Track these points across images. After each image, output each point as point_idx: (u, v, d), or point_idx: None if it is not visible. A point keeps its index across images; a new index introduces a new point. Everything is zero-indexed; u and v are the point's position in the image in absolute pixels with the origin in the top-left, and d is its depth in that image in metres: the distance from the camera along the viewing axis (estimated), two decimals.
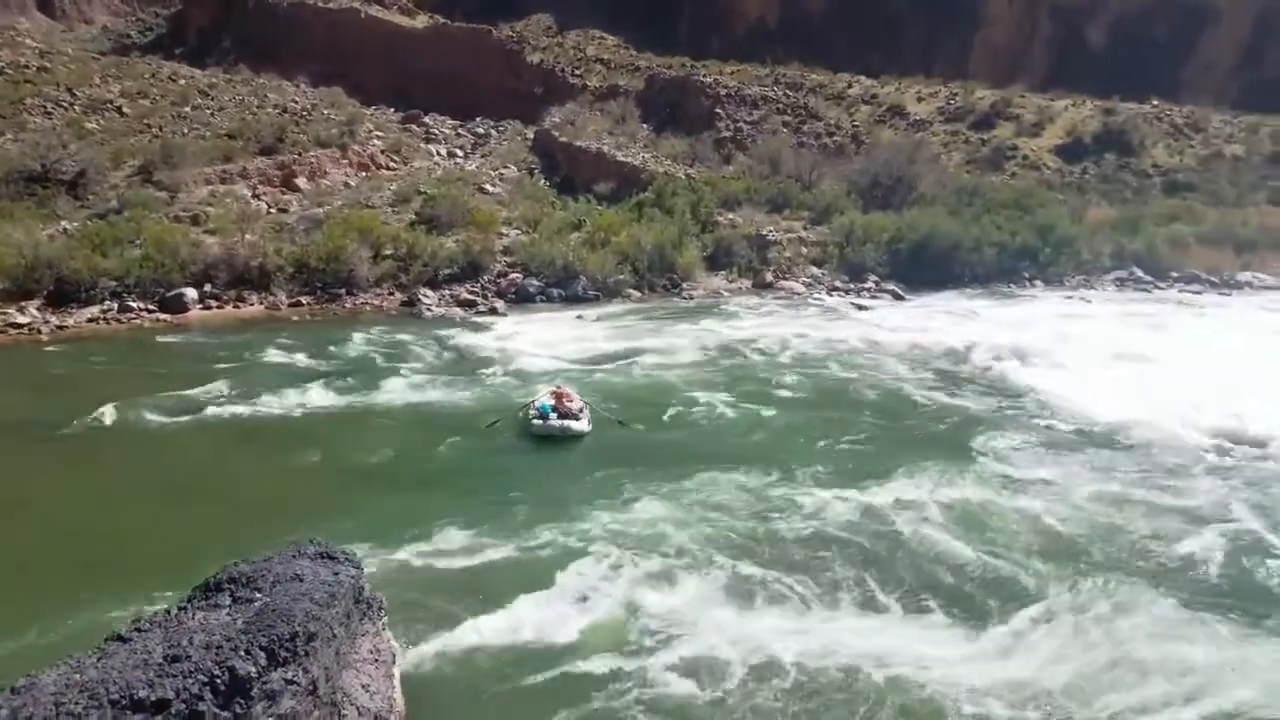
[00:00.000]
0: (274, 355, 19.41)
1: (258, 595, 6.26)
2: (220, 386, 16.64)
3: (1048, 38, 65.18)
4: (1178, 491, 12.73)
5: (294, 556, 6.93)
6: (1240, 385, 17.82)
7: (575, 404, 15.18)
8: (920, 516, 11.53)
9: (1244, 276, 34.02)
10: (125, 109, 38.74)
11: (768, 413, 16.06)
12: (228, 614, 6.01)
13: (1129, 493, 12.64)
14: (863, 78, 55.05)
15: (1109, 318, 26.31)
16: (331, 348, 20.07)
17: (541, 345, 20.73)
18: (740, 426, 15.45)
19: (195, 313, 23.59)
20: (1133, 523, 11.61)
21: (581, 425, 14.75)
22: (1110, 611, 9.37)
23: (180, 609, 6.13)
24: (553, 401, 15.08)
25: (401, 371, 18.22)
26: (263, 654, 5.62)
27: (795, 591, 9.60)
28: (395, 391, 16.86)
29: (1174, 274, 33.86)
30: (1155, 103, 54.71)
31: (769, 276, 30.25)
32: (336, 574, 6.77)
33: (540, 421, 14.65)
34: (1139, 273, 33.69)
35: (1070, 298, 30.17)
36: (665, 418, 15.88)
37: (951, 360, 20.37)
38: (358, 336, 21.19)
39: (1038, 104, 53.26)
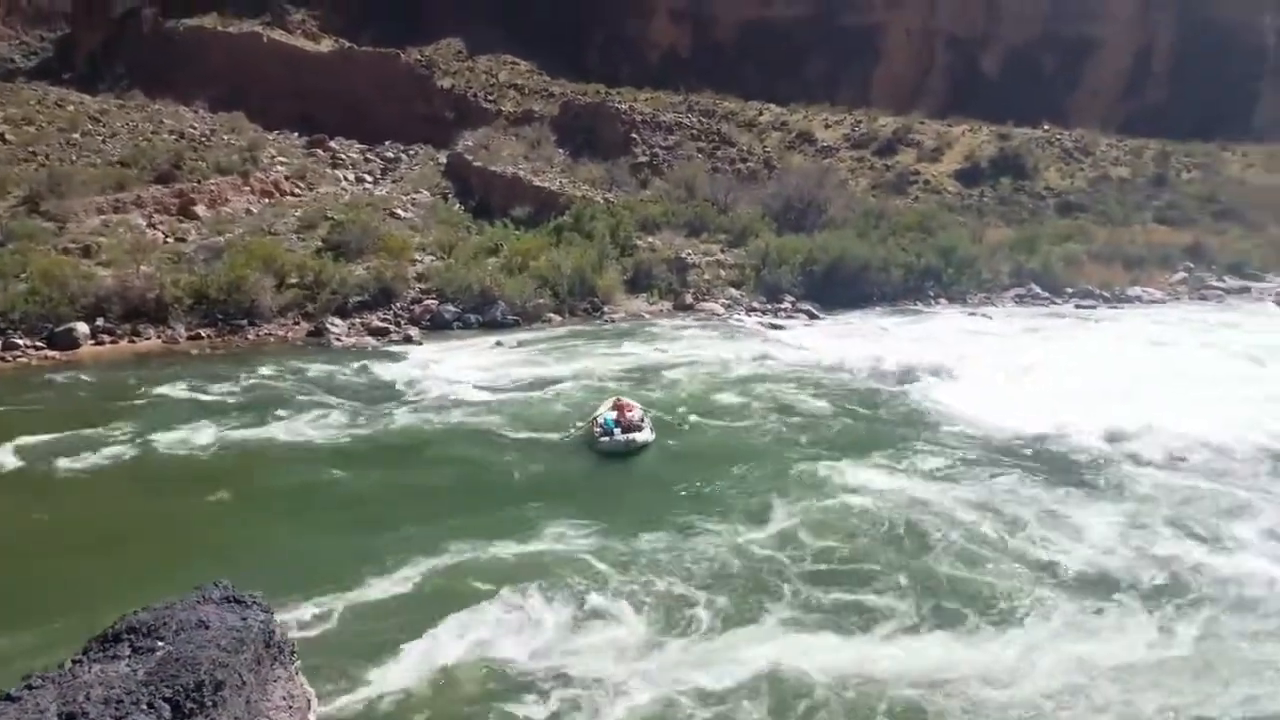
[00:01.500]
0: (172, 391, 18.45)
1: (160, 644, 5.78)
2: (115, 426, 15.72)
3: (944, 67, 67.65)
4: (1074, 495, 13.09)
5: (198, 602, 6.46)
6: (1133, 392, 18.63)
7: (635, 414, 15.33)
8: (819, 532, 11.54)
9: (1134, 291, 35.67)
10: (9, 136, 36.81)
11: (687, 437, 15.93)
12: (127, 665, 5.52)
13: (1029, 498, 12.94)
14: (772, 105, 56.18)
15: (1010, 333, 27.27)
16: (233, 382, 19.20)
17: (459, 373, 20.21)
18: (654, 452, 15.30)
19: (87, 348, 22.32)
20: (1033, 528, 11.83)
21: (645, 435, 14.93)
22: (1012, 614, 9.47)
23: (75, 662, 5.63)
24: (615, 415, 15.17)
25: (307, 405, 17.51)
26: (167, 706, 5.17)
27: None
28: (300, 426, 16.17)
29: (1069, 290, 35.30)
30: (1047, 128, 57.26)
31: (689, 298, 30.38)
32: (244, 618, 6.33)
33: (607, 439, 14.78)
34: (1036, 289, 35.00)
35: (973, 314, 31.10)
36: (582, 445, 15.62)
37: (863, 376, 20.67)
38: (261, 369, 20.31)
39: (937, 130, 55.15)
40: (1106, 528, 11.88)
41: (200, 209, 33.02)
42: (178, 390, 18.48)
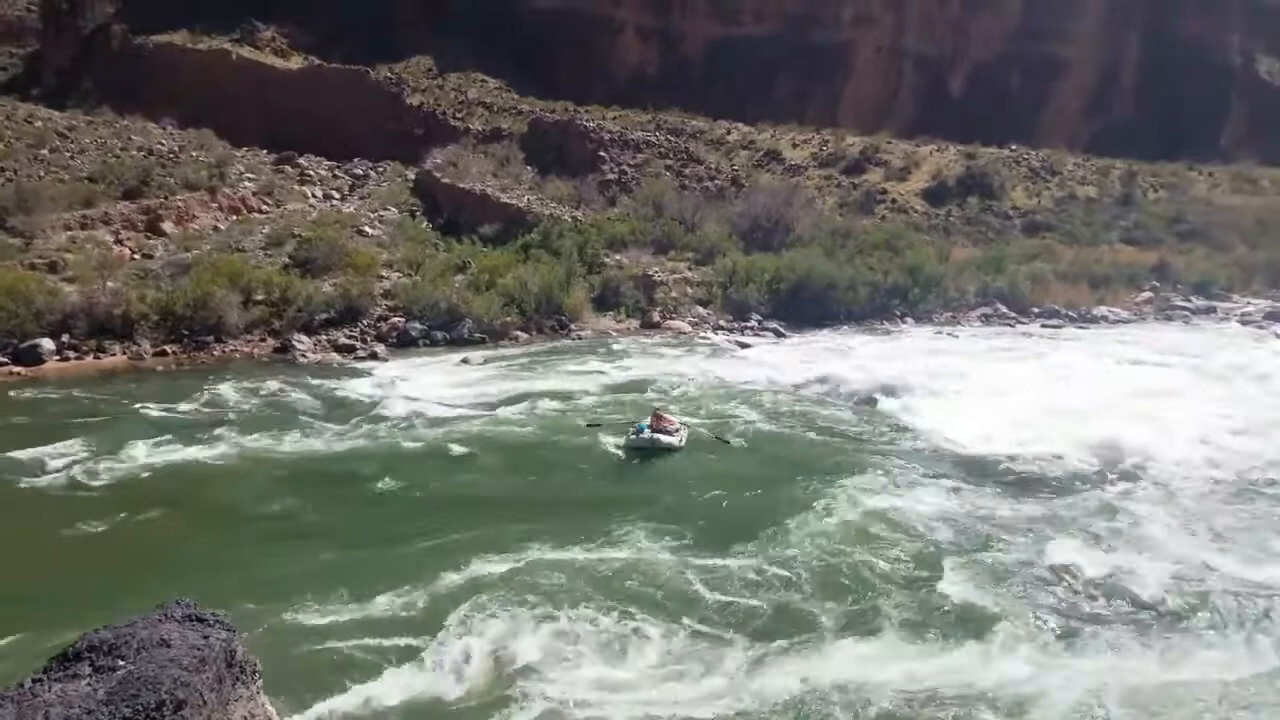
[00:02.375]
0: (137, 407, 18.39)
1: (121, 663, 5.82)
2: (78, 443, 15.65)
3: (912, 86, 68.59)
4: (1040, 511, 13.41)
5: (160, 620, 6.47)
6: (1097, 411, 19.02)
7: (672, 424, 16.60)
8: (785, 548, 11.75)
9: (1100, 310, 36.26)
10: None
11: (657, 458, 16.11)
12: (88, 684, 5.56)
13: (990, 513, 13.25)
14: (740, 124, 56.70)
15: (976, 352, 27.62)
16: (198, 399, 19.14)
17: (424, 390, 20.27)
18: (619, 471, 15.45)
19: (52, 364, 22.15)
20: (1001, 539, 12.12)
21: (671, 440, 16.20)
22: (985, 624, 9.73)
23: (35, 681, 5.65)
24: (650, 421, 16.47)
25: (272, 422, 17.51)
26: None
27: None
28: (265, 444, 16.17)
29: (1035, 309, 35.82)
30: (1014, 147, 58.20)
31: (656, 316, 30.60)
32: (206, 637, 6.35)
33: (634, 436, 16.26)
34: (1003, 308, 35.50)
35: (939, 333, 31.49)
36: (548, 463, 15.79)
37: (830, 396, 20.94)
38: (226, 386, 20.26)
39: (904, 150, 55.90)
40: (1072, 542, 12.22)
41: (168, 225, 32.84)
42: (142, 407, 18.39)
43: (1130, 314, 36.73)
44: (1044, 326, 33.66)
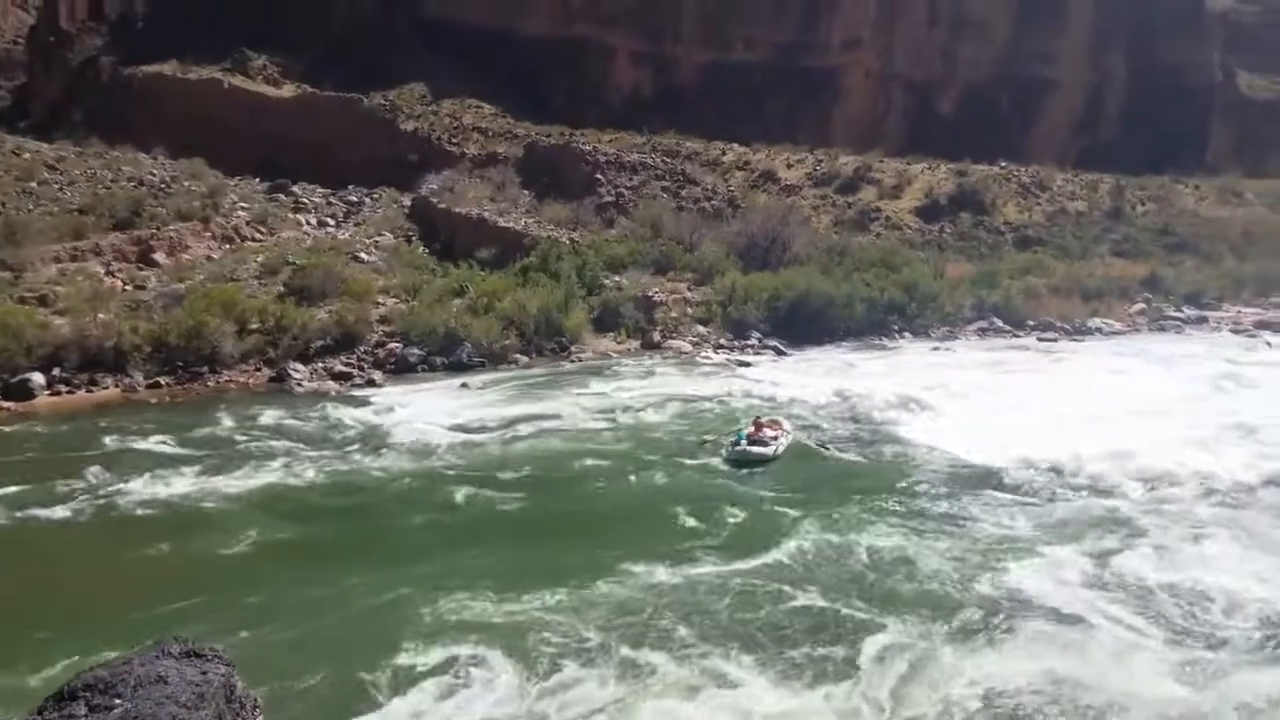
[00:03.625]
0: (131, 442, 17.99)
1: (117, 702, 5.51)
2: (72, 479, 15.27)
3: (902, 108, 69.06)
4: (1031, 526, 13.13)
5: (157, 657, 6.18)
6: (1100, 423, 18.85)
7: (769, 434, 16.86)
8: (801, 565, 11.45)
9: (1094, 323, 36.26)
10: None
11: (661, 478, 15.81)
12: None
13: (993, 530, 12.97)
14: (735, 145, 56.85)
15: (974, 366, 27.50)
16: (193, 431, 18.76)
17: (422, 416, 19.94)
18: (625, 493, 15.17)
19: (44, 399, 21.72)
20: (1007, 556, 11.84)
21: (765, 450, 16.39)
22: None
23: None
24: (750, 430, 16.69)
25: (268, 453, 17.16)
26: None
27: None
28: (262, 475, 15.81)
29: (1030, 322, 35.81)
30: (1004, 164, 58.42)
31: (656, 336, 30.38)
32: (205, 673, 6.05)
33: (732, 448, 16.63)
34: (998, 322, 35.52)
35: (937, 348, 31.44)
36: (551, 486, 15.50)
37: (834, 412, 20.71)
38: (222, 417, 19.88)
39: (897, 168, 56.09)
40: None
41: (160, 256, 32.53)
42: (137, 441, 18.03)
43: (1124, 326, 36.80)
44: (1040, 339, 33.63)
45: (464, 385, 23.63)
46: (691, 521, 13.47)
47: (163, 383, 23.43)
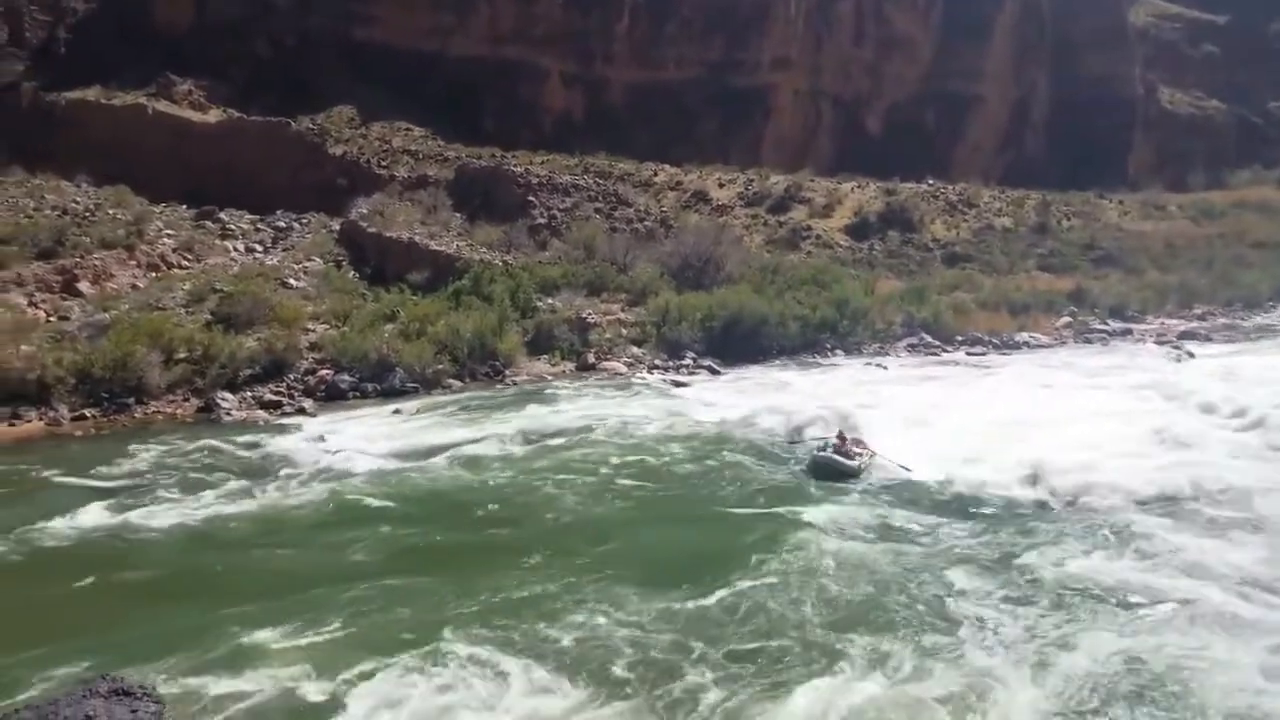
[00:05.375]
0: (54, 476, 17.54)
1: None
2: None
3: (830, 126, 70.57)
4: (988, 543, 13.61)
5: (85, 696, 6.22)
6: (1028, 433, 19.50)
7: (852, 449, 17.34)
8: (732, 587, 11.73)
9: (1021, 337, 37.37)
10: None
11: (593, 501, 15.98)
12: None
13: (939, 546, 13.39)
14: (667, 166, 57.52)
15: (905, 381, 28.14)
16: (118, 463, 18.33)
17: (352, 444, 19.76)
18: (555, 514, 15.30)
19: None
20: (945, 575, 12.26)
21: (852, 464, 16.86)
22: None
23: None
24: (837, 442, 17.39)
25: (194, 484, 16.86)
26: None
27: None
28: (187, 507, 15.53)
29: (959, 338, 36.76)
30: (931, 182, 60.09)
31: (591, 358, 30.51)
32: (134, 711, 6.12)
33: (819, 454, 17.22)
34: (928, 338, 36.33)
35: (869, 364, 32.06)
36: (480, 514, 15.57)
37: (769, 431, 21.09)
38: (148, 449, 19.42)
39: (827, 187, 57.30)
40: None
41: (84, 285, 31.73)
42: (60, 474, 17.57)
43: (1051, 339, 37.91)
44: (969, 354, 34.50)
45: (396, 411, 23.50)
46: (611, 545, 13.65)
47: (88, 415, 22.85)
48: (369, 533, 14.36)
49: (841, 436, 17.70)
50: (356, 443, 19.83)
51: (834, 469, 16.74)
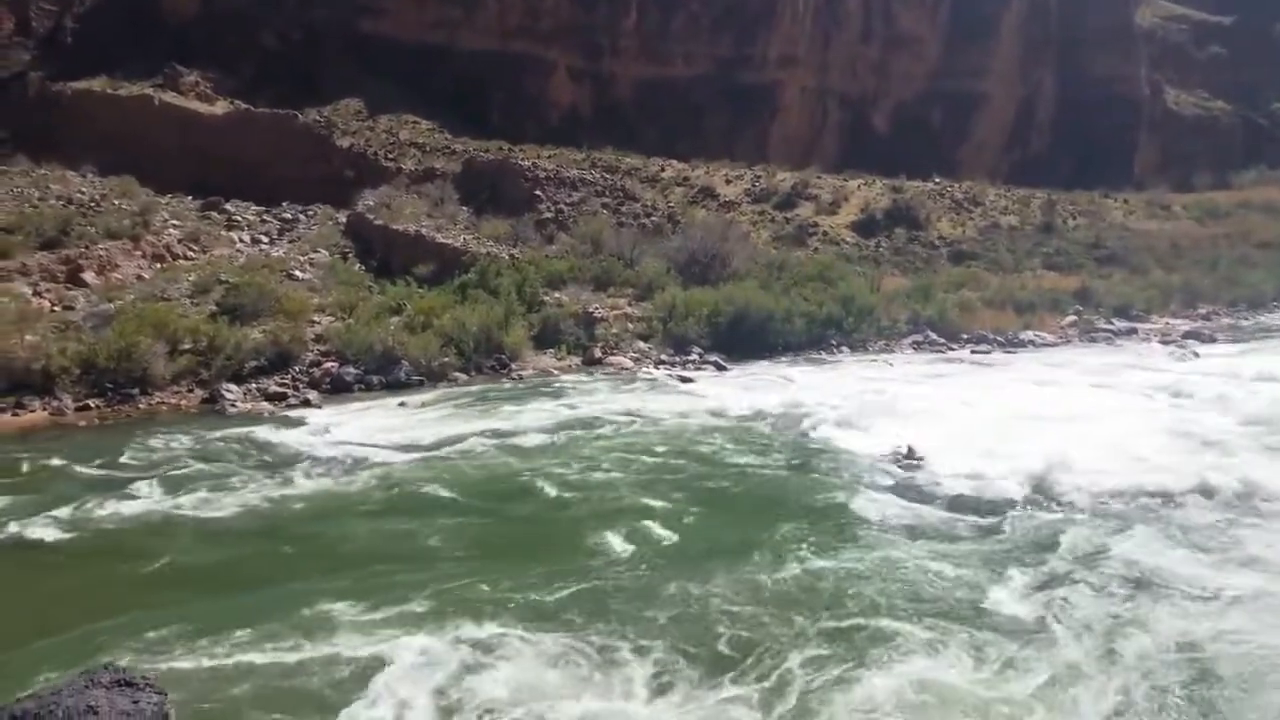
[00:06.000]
0: (59, 465, 17.49)
1: None
2: None
3: (837, 124, 70.50)
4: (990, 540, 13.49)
5: (86, 687, 6.12)
6: (1036, 433, 19.35)
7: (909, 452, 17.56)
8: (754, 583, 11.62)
9: (1026, 335, 37.19)
10: None
11: (598, 495, 15.89)
12: None
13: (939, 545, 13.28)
14: (674, 161, 57.44)
15: (912, 378, 27.99)
16: (123, 454, 18.30)
17: (358, 436, 19.70)
18: (555, 509, 15.22)
19: None
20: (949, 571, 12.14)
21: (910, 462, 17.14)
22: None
23: None
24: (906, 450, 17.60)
25: (198, 475, 16.76)
26: None
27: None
28: (191, 498, 15.41)
29: (964, 335, 36.59)
30: (937, 180, 59.98)
31: (597, 353, 30.43)
32: (137, 702, 6.02)
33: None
34: (933, 335, 36.22)
35: (874, 361, 31.91)
36: (495, 504, 15.47)
37: (777, 427, 20.99)
38: (152, 440, 19.38)
39: (833, 184, 57.21)
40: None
41: (89, 275, 31.72)
42: (64, 464, 17.51)
43: (1056, 338, 37.74)
44: (974, 352, 34.33)
45: (402, 404, 23.45)
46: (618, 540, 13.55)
47: (92, 405, 22.83)
48: (372, 525, 14.30)
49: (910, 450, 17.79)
50: (362, 435, 19.77)
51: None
